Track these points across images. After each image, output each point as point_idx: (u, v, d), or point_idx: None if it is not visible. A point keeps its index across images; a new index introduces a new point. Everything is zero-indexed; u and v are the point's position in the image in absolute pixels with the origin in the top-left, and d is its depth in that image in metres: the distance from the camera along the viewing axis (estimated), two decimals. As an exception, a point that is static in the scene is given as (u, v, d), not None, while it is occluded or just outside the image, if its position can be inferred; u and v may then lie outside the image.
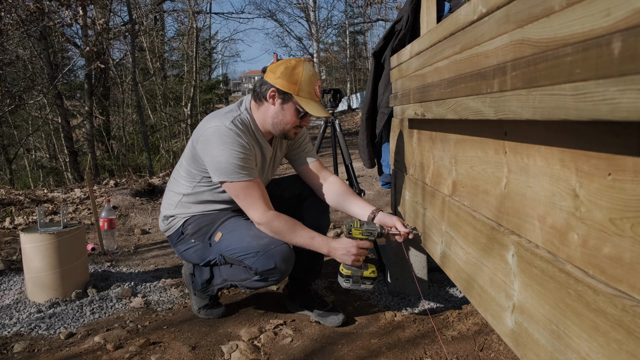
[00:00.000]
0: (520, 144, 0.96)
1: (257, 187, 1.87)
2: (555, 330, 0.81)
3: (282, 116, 1.90)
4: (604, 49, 0.57)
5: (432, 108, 1.45)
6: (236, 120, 1.87)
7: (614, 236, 0.67)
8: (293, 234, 1.85)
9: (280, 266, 1.85)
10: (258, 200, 1.87)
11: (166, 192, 2.15)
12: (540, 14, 0.74)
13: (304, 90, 1.85)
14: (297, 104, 1.86)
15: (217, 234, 1.98)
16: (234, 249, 1.91)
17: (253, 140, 1.93)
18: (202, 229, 2.02)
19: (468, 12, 1.11)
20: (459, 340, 1.90)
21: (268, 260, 1.84)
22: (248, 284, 1.96)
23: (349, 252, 1.80)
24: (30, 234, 2.32)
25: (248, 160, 1.86)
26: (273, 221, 1.85)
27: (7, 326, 2.10)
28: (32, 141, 13.07)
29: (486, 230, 1.13)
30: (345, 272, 1.84)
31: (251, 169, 1.87)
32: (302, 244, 1.86)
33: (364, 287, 1.84)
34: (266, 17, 29.59)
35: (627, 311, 0.63)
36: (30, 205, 4.59)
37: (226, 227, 1.98)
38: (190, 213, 2.05)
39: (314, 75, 1.88)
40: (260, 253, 1.85)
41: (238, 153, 1.82)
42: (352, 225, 1.82)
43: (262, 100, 1.91)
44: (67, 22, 7.81)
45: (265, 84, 1.89)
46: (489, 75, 0.96)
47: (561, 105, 0.68)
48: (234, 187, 1.86)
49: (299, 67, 1.85)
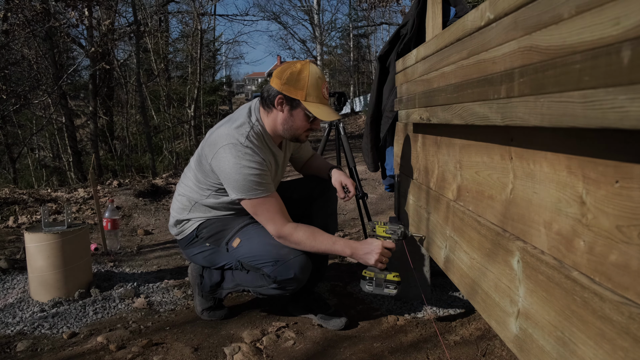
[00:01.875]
0: (527, 150, 0.96)
1: (274, 202, 1.88)
2: (561, 337, 0.81)
3: (292, 122, 1.89)
4: (614, 57, 0.57)
5: (438, 113, 1.45)
6: (250, 136, 1.86)
7: (621, 243, 0.67)
8: (314, 242, 1.85)
9: (298, 276, 1.86)
10: (276, 215, 1.87)
11: (177, 197, 2.13)
12: (549, 21, 0.75)
13: (311, 95, 1.83)
14: (306, 109, 1.84)
15: (235, 240, 1.98)
16: (253, 257, 1.92)
17: (267, 151, 1.93)
18: (218, 234, 2.02)
19: (475, 18, 1.11)
20: (461, 345, 1.90)
21: (287, 270, 1.85)
22: (264, 290, 1.96)
23: (372, 251, 1.80)
24: (34, 234, 2.33)
25: (264, 176, 1.85)
26: (293, 234, 1.85)
27: (10, 325, 2.11)
28: (36, 140, 13.10)
29: (491, 236, 1.14)
30: (368, 273, 1.82)
31: (267, 184, 1.87)
32: (324, 250, 1.86)
33: (387, 291, 1.80)
34: (270, 20, 29.63)
35: (634, 319, 0.63)
36: (34, 204, 4.61)
37: (245, 234, 1.98)
38: (206, 217, 2.05)
39: (321, 78, 1.86)
40: (280, 263, 1.86)
41: (255, 170, 1.82)
42: (376, 223, 1.86)
43: (271, 108, 1.90)
44: (72, 22, 7.85)
45: (272, 91, 1.87)
46: (496, 81, 0.96)
47: (569, 112, 0.68)
48: (251, 203, 1.86)
49: (305, 72, 1.83)
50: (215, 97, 17.28)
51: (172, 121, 13.94)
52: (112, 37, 9.05)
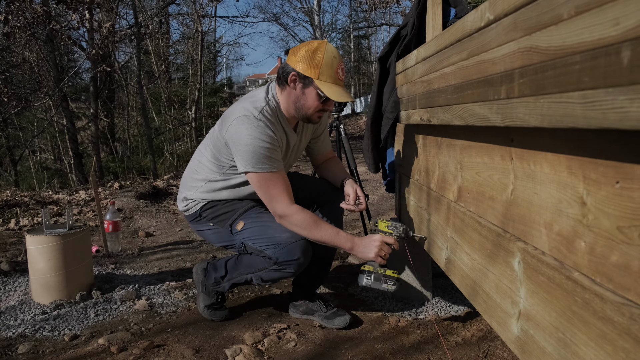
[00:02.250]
0: (527, 151, 0.96)
1: (281, 180, 1.86)
2: (562, 338, 0.81)
3: (304, 101, 1.87)
4: (613, 58, 0.57)
5: (438, 114, 1.45)
6: (265, 110, 1.86)
7: (622, 244, 0.67)
8: (317, 229, 1.84)
9: (300, 258, 1.87)
10: (282, 193, 1.86)
11: (188, 173, 2.14)
12: (549, 22, 0.75)
13: (325, 74, 1.81)
14: (318, 88, 1.82)
15: (239, 223, 2.00)
16: (257, 239, 1.94)
17: (280, 129, 1.92)
18: (221, 216, 2.04)
19: (475, 19, 1.11)
20: (463, 346, 1.90)
21: (290, 252, 1.86)
22: (264, 274, 1.96)
23: (372, 244, 1.81)
24: (35, 236, 2.33)
25: (274, 151, 1.84)
26: (297, 214, 1.84)
27: (12, 327, 2.11)
28: (37, 143, 13.12)
29: (492, 237, 1.13)
30: (367, 267, 1.81)
31: (277, 161, 1.86)
32: (325, 239, 1.85)
33: (385, 286, 1.79)
34: (271, 21, 29.68)
35: (635, 320, 0.63)
36: (35, 206, 4.61)
37: (248, 217, 2.00)
38: (211, 199, 2.06)
39: (336, 58, 1.84)
40: (282, 246, 1.87)
41: (265, 143, 1.81)
42: (379, 219, 1.89)
43: (285, 85, 1.89)
44: (73, 25, 7.86)
45: (287, 68, 1.87)
46: (496, 82, 0.96)
47: (569, 113, 0.68)
48: (257, 177, 1.85)
49: (320, 50, 1.81)
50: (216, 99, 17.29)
51: (173, 123, 13.96)
52: (113, 39, 9.07)
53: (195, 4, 13.86)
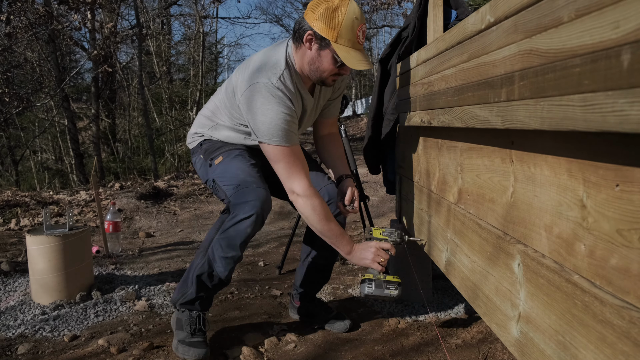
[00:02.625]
0: (527, 153, 0.96)
1: (298, 157, 1.77)
2: (562, 340, 0.81)
3: (319, 63, 1.73)
4: (613, 61, 0.57)
5: (439, 116, 1.45)
6: (283, 77, 1.73)
7: (622, 247, 0.67)
8: (327, 221, 1.77)
9: (255, 204, 1.71)
10: (301, 172, 1.76)
11: (203, 112, 2.07)
12: (549, 24, 0.75)
13: (343, 37, 1.65)
14: (334, 52, 1.67)
15: (219, 158, 1.91)
16: (223, 176, 1.85)
17: (297, 96, 1.80)
18: (211, 149, 1.97)
19: (476, 21, 1.11)
20: (463, 348, 1.89)
21: (245, 195, 1.74)
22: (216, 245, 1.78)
23: (369, 250, 1.77)
24: (36, 236, 2.33)
25: (292, 123, 1.74)
26: (316, 197, 1.75)
27: (12, 328, 2.11)
28: (39, 143, 13.15)
29: (492, 239, 1.13)
30: (367, 276, 1.78)
31: (293, 134, 1.75)
32: (331, 235, 1.78)
33: (387, 292, 1.75)
34: (272, 22, 29.72)
35: (634, 323, 0.63)
36: (36, 206, 4.61)
37: (230, 154, 1.90)
38: (213, 137, 2.00)
39: (358, 19, 1.66)
40: (241, 187, 1.76)
41: (283, 115, 1.70)
42: (372, 227, 1.86)
43: (300, 43, 1.74)
44: (75, 25, 7.87)
45: (304, 25, 1.71)
46: (497, 84, 0.96)
47: (569, 116, 0.68)
48: (274, 151, 1.74)
49: (342, 9, 1.64)
50: (217, 100, 17.31)
51: (174, 124, 13.98)
52: (115, 39, 9.08)
53: (196, 5, 13.88)
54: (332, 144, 2.15)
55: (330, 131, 2.16)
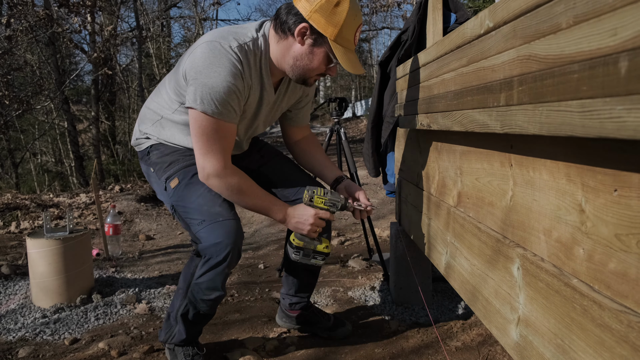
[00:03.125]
0: (526, 158, 0.97)
1: (227, 134, 1.54)
2: (561, 344, 0.81)
3: (309, 60, 1.54)
4: (611, 68, 0.58)
5: (438, 119, 1.45)
6: (246, 45, 1.52)
7: (620, 252, 0.67)
8: (251, 195, 1.60)
9: (227, 243, 1.53)
10: (221, 151, 1.54)
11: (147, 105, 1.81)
12: (547, 30, 0.75)
13: (342, 37, 1.48)
14: (332, 51, 1.50)
15: (174, 180, 1.68)
16: (185, 207, 1.63)
17: (256, 77, 1.58)
18: (163, 163, 1.72)
19: (475, 26, 1.12)
20: (462, 351, 1.90)
21: (214, 233, 1.54)
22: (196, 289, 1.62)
23: (306, 221, 1.60)
24: (36, 239, 2.34)
25: (235, 98, 1.51)
26: (232, 176, 1.56)
27: (12, 331, 2.11)
28: (39, 145, 13.15)
29: (491, 242, 1.14)
30: (297, 242, 1.65)
31: (232, 110, 1.52)
32: (259, 207, 1.62)
33: (314, 261, 1.68)
34: (272, 25, 29.72)
35: (632, 327, 0.63)
36: (36, 209, 4.62)
37: (186, 174, 1.67)
38: (164, 140, 1.74)
39: (358, 18, 1.51)
40: (207, 222, 1.56)
41: (229, 84, 1.47)
42: (314, 192, 1.63)
43: (287, 34, 1.53)
44: (75, 28, 7.88)
45: (296, 15, 1.49)
46: (496, 89, 0.97)
47: (567, 121, 0.68)
48: (201, 120, 1.50)
49: (344, 4, 1.45)
50: (217, 102, 17.33)
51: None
52: (115, 42, 9.10)
53: (196, 7, 13.90)
54: (312, 147, 1.96)
55: (304, 134, 1.98)
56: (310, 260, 1.69)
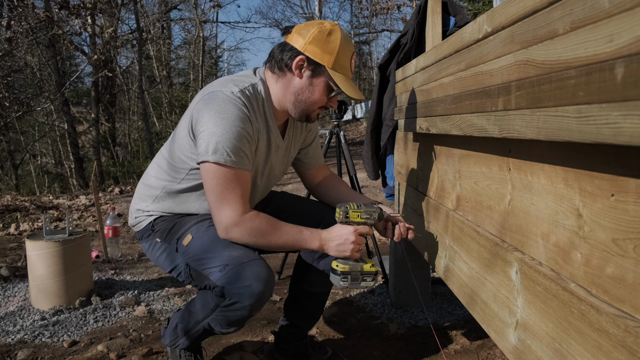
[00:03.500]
0: (525, 162, 0.97)
1: (243, 183, 1.46)
2: (559, 348, 0.82)
3: (309, 93, 1.50)
4: (607, 74, 0.58)
5: (437, 123, 1.46)
6: (247, 90, 1.48)
7: (617, 257, 0.67)
8: (277, 232, 1.47)
9: (253, 285, 1.39)
10: (239, 199, 1.44)
11: (144, 181, 1.73)
12: (545, 36, 0.76)
13: (340, 64, 1.47)
14: (331, 79, 1.47)
15: (187, 237, 1.55)
16: (201, 258, 1.49)
17: (262, 120, 1.54)
18: (172, 228, 1.61)
19: (473, 31, 1.12)
20: (461, 354, 1.90)
21: (239, 275, 1.40)
22: (218, 316, 1.48)
23: (347, 240, 1.45)
24: (35, 241, 2.34)
25: (247, 143, 1.45)
26: (252, 220, 1.44)
27: (11, 333, 2.11)
28: (38, 147, 13.16)
29: (490, 246, 1.14)
30: (342, 267, 1.48)
31: (245, 157, 1.46)
32: (289, 242, 1.48)
33: (364, 284, 1.52)
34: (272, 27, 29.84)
35: (629, 332, 0.63)
36: (36, 211, 4.62)
37: (199, 229, 1.56)
38: (167, 211, 1.65)
39: (351, 45, 1.51)
40: (230, 267, 1.42)
41: (238, 129, 1.41)
42: (348, 207, 1.49)
43: (284, 71, 1.51)
44: (76, 30, 7.90)
45: (291, 51, 1.48)
46: (494, 93, 0.97)
47: (564, 126, 0.69)
48: (214, 171, 1.42)
49: (336, 33, 1.46)
50: (217, 104, 17.36)
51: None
52: (115, 44, 9.11)
53: (197, 10, 13.93)
54: (335, 183, 1.86)
55: (326, 174, 1.89)
56: (360, 283, 1.52)
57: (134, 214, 1.72)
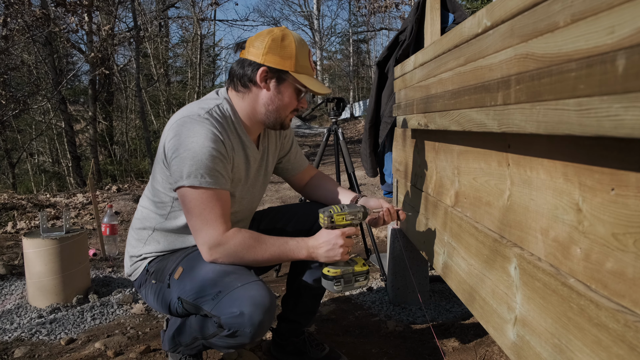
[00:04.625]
0: (524, 157, 0.97)
1: (222, 202, 1.43)
2: (558, 344, 0.81)
3: (279, 101, 1.51)
4: (608, 66, 0.57)
5: (436, 119, 1.45)
6: (214, 111, 1.47)
7: (617, 251, 0.67)
8: (262, 246, 1.44)
9: (250, 312, 1.30)
10: (219, 218, 1.41)
11: (132, 227, 1.70)
12: (545, 29, 0.75)
13: (301, 65, 1.48)
14: (298, 82, 1.48)
15: (178, 270, 1.50)
16: (192, 289, 1.42)
17: (235, 137, 1.52)
18: (166, 267, 1.56)
19: (472, 25, 1.12)
20: (460, 351, 1.89)
21: (232, 303, 1.32)
22: (219, 341, 1.41)
23: (336, 245, 1.43)
24: (32, 239, 2.33)
25: (220, 162, 1.42)
26: (235, 236, 1.42)
27: (8, 331, 2.10)
28: (36, 145, 13.12)
29: (488, 242, 1.14)
30: (334, 272, 1.45)
31: (222, 176, 1.43)
32: (276, 254, 1.45)
33: (358, 285, 1.49)
34: (270, 25, 29.92)
35: (629, 327, 0.63)
36: (33, 209, 4.60)
37: (189, 260, 1.51)
38: (161, 251, 1.61)
39: (305, 45, 1.52)
40: (223, 294, 1.34)
41: (210, 149, 1.38)
42: (332, 212, 1.45)
43: (249, 87, 1.50)
44: (72, 28, 7.87)
45: (251, 65, 1.48)
46: (493, 88, 0.97)
47: (565, 120, 0.68)
48: (190, 195, 1.40)
49: (289, 37, 1.47)
50: (215, 102, 17.32)
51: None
52: (112, 42, 9.08)
53: (194, 7, 13.90)
54: (321, 180, 1.88)
55: (312, 174, 1.89)
56: (354, 285, 1.49)
57: (128, 263, 1.68)
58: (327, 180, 1.88)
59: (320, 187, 1.85)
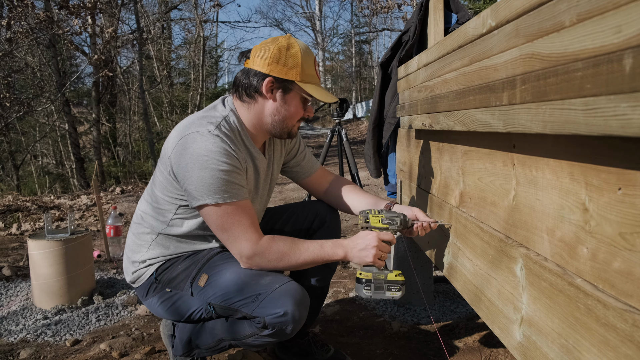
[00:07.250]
0: (529, 157, 0.96)
1: (247, 211, 1.45)
2: (565, 344, 0.81)
3: (286, 111, 1.51)
4: (615, 65, 0.57)
5: (440, 119, 1.45)
6: (222, 125, 1.46)
7: (624, 251, 0.67)
8: (299, 251, 1.45)
9: (292, 310, 1.36)
10: (249, 229, 1.43)
11: (132, 231, 1.67)
12: (551, 28, 0.75)
13: (306, 74, 1.48)
14: (304, 91, 1.48)
15: (202, 277, 1.51)
16: (226, 295, 1.44)
17: (244, 149, 1.52)
18: (181, 274, 1.55)
19: (477, 25, 1.12)
20: (465, 352, 1.89)
21: (276, 302, 1.37)
22: (255, 340, 1.45)
23: (369, 246, 1.43)
24: (37, 241, 2.34)
25: (237, 174, 1.43)
26: (270, 247, 1.44)
27: (14, 332, 2.11)
28: (39, 147, 13.17)
29: (494, 243, 1.13)
30: (365, 275, 1.45)
31: (240, 188, 1.44)
32: (313, 258, 1.46)
33: (389, 294, 1.46)
34: (272, 26, 29.94)
35: (637, 326, 0.63)
36: (37, 211, 4.62)
37: (213, 266, 1.52)
38: (168, 255, 1.58)
39: (311, 53, 1.52)
40: (263, 296, 1.39)
41: (224, 165, 1.39)
42: (368, 212, 1.49)
43: (255, 97, 1.50)
44: (76, 30, 7.90)
45: (257, 75, 1.47)
46: (498, 88, 0.97)
47: (571, 119, 0.68)
48: (217, 212, 1.41)
49: (293, 46, 1.47)
50: (218, 104, 17.37)
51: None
52: (115, 44, 9.12)
53: (197, 9, 13.94)
54: (345, 185, 1.81)
55: (329, 178, 1.85)
56: (385, 293, 1.46)
57: (130, 269, 1.64)
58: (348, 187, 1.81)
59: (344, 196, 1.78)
